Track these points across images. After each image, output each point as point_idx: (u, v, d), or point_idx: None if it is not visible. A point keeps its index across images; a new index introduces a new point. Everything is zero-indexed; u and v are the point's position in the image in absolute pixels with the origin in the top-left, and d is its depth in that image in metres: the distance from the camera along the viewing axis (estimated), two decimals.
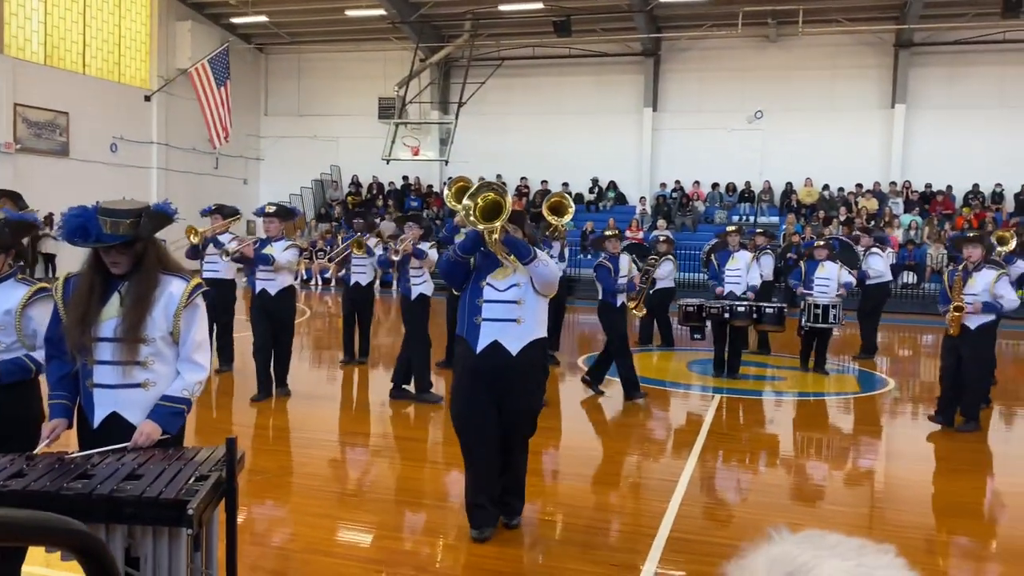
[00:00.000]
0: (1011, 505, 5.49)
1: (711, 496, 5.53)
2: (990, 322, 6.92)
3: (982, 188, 21.85)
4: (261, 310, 7.75)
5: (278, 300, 7.74)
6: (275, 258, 7.58)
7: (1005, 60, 21.61)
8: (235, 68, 24.41)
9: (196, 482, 2.84)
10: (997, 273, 6.89)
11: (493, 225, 4.04)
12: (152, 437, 3.10)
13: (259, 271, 7.73)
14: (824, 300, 9.79)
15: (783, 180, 23.11)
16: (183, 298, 3.15)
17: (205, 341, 3.27)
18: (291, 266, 7.80)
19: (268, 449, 6.34)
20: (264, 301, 7.73)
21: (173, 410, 3.15)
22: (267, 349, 7.74)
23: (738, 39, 22.71)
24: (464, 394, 4.35)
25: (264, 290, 7.73)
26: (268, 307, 7.72)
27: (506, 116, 25.07)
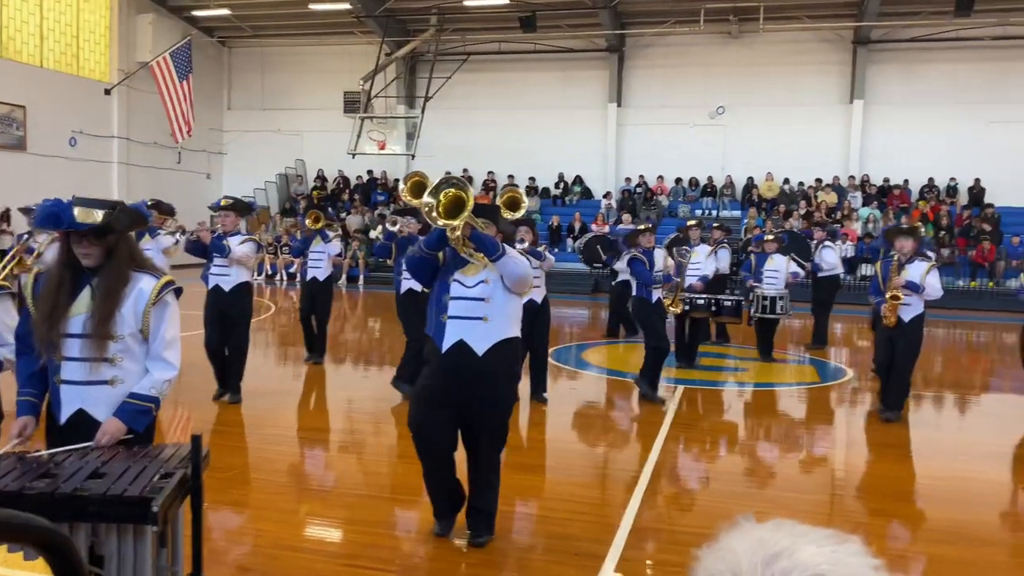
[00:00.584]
0: (961, 489, 5.67)
1: (674, 486, 5.64)
2: (921, 314, 7.14)
3: (937, 182, 22.35)
4: (214, 307, 7.41)
5: (232, 297, 7.39)
6: (231, 249, 7.28)
7: (958, 57, 22.09)
8: (197, 62, 24.09)
9: (161, 479, 2.85)
10: (928, 265, 7.21)
11: (453, 222, 3.87)
12: (116, 436, 3.09)
13: (213, 266, 7.39)
14: (772, 291, 10.14)
15: (744, 174, 23.42)
16: (152, 295, 3.14)
17: (176, 339, 3.25)
18: (247, 260, 7.45)
19: (234, 446, 6.33)
20: (217, 298, 7.40)
21: (140, 408, 3.14)
22: (219, 349, 7.44)
23: (701, 35, 22.95)
24: (425, 395, 4.21)
25: (218, 286, 7.38)
26: (221, 304, 7.38)
27: (472, 111, 25.08)
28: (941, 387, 9.76)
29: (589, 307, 16.92)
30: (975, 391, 9.23)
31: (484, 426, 4.19)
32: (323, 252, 9.46)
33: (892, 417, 7.22)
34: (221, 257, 7.29)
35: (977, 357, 12.44)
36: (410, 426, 4.27)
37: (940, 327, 15.64)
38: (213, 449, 5.85)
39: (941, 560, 4.35)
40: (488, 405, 4.15)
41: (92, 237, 3.04)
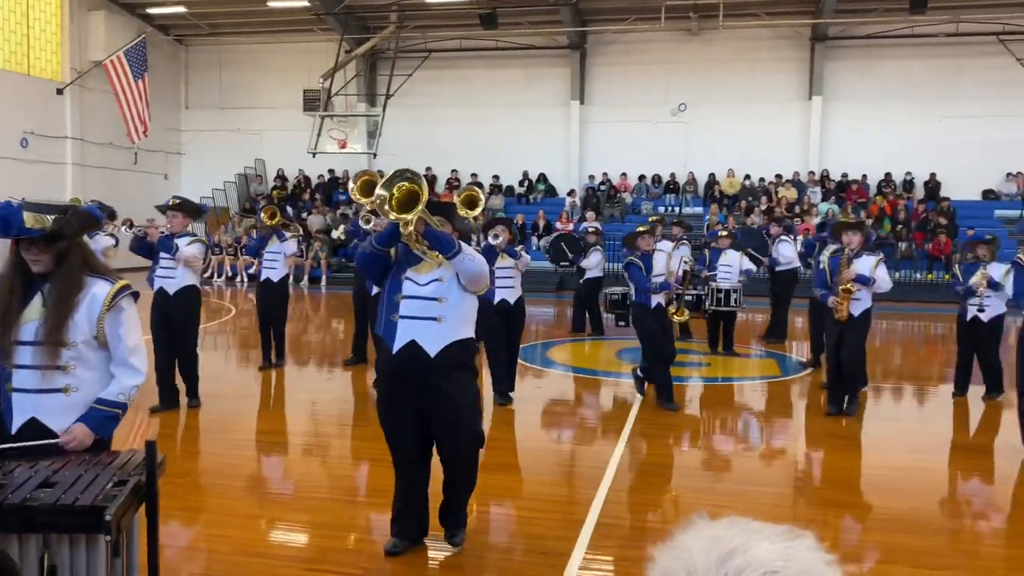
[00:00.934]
0: (917, 480, 5.76)
1: (639, 481, 5.65)
2: (869, 308, 7.23)
3: (894, 177, 22.76)
4: (159, 312, 7.10)
5: (177, 301, 7.08)
6: (178, 246, 7.00)
7: (913, 54, 22.51)
8: (153, 60, 23.69)
9: (114, 487, 2.78)
10: (876, 259, 7.31)
11: (405, 216, 3.75)
12: (84, 442, 3.04)
13: (159, 268, 7.11)
14: (726, 285, 10.40)
15: (706, 171, 23.63)
16: (106, 301, 3.06)
17: (141, 344, 3.19)
18: (195, 262, 7.13)
19: (193, 451, 6.22)
20: (162, 301, 7.09)
21: (109, 414, 3.10)
22: (165, 356, 7.10)
23: (662, 32, 23.10)
24: (384, 401, 4.11)
25: (162, 289, 7.10)
26: (166, 308, 7.08)
27: (435, 108, 24.98)
28: (900, 379, 9.93)
29: (554, 305, 16.94)
30: (933, 382, 9.40)
31: (447, 431, 4.04)
32: (279, 252, 9.15)
33: (850, 411, 7.27)
34: (168, 256, 7.01)
35: (935, 349, 12.67)
36: (381, 425, 4.19)
37: (898, 319, 15.92)
38: (170, 455, 5.77)
39: (900, 549, 4.41)
40: (445, 410, 3.99)
41: (42, 244, 2.96)
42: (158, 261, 7.12)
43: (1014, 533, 4.84)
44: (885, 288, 7.22)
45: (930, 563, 4.27)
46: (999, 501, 5.36)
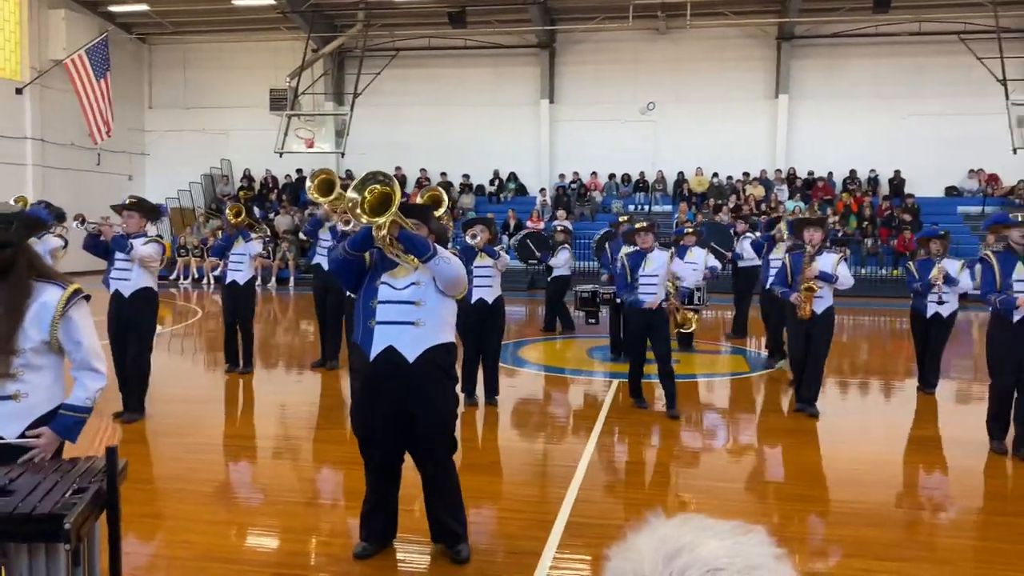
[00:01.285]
0: (884, 473, 5.84)
1: (609, 479, 5.66)
2: (832, 305, 7.27)
3: (859, 174, 23.07)
4: (115, 314, 6.86)
5: (132, 304, 6.83)
6: (132, 245, 6.75)
7: (878, 53, 22.84)
8: (116, 59, 23.30)
9: (74, 495, 2.73)
10: (838, 256, 7.40)
11: (377, 220, 3.68)
12: (51, 448, 3.03)
13: (114, 269, 6.87)
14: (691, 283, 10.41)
15: (675, 169, 23.79)
16: (59, 308, 3.02)
17: (99, 346, 3.17)
18: (151, 262, 6.85)
19: (157, 456, 6.11)
20: (118, 304, 6.86)
21: (76, 419, 3.11)
22: (124, 362, 6.89)
23: (630, 32, 23.20)
24: (360, 406, 4.00)
25: (117, 291, 6.85)
26: (121, 312, 6.84)
27: (403, 107, 24.87)
28: (867, 374, 10.05)
29: (526, 304, 16.94)
30: (899, 377, 9.53)
31: (424, 438, 3.97)
32: (244, 254, 8.95)
33: (814, 412, 7.25)
34: (123, 255, 6.79)
35: (901, 344, 12.85)
36: (355, 433, 4.12)
37: (864, 315, 16.15)
38: (135, 461, 5.65)
39: (866, 543, 4.45)
40: (423, 416, 3.91)
41: None
42: (113, 262, 6.89)
43: (980, 524, 4.92)
44: (847, 285, 7.27)
45: (896, 555, 4.32)
46: (964, 494, 5.44)
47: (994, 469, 5.89)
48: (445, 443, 4.05)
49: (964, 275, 8.15)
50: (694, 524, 0.91)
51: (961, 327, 14.59)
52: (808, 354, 7.23)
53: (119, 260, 6.86)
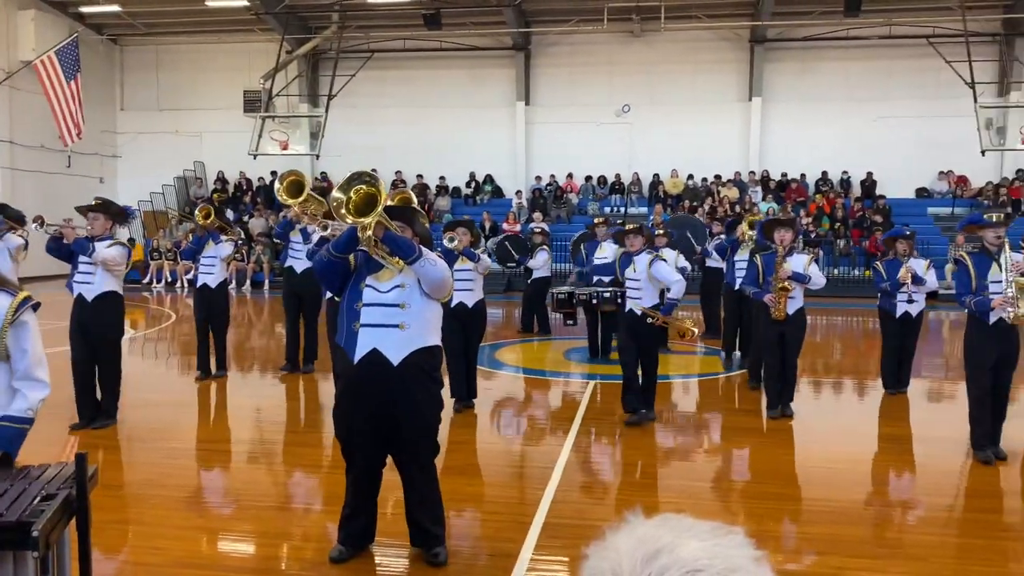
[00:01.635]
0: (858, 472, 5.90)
1: (586, 480, 5.67)
2: (803, 306, 7.31)
3: (831, 176, 23.33)
4: (77, 320, 6.66)
5: (96, 308, 6.63)
6: (95, 247, 6.57)
7: (849, 56, 23.11)
8: (86, 60, 23.01)
9: (42, 502, 2.69)
10: (810, 256, 7.47)
11: (364, 220, 3.66)
12: None
13: (77, 273, 6.69)
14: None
15: (651, 171, 23.91)
16: (8, 314, 2.98)
17: (43, 356, 3.10)
18: (115, 265, 6.65)
19: (129, 462, 6.03)
20: (81, 309, 6.65)
21: (16, 431, 3.02)
22: (85, 368, 6.71)
23: (604, 34, 23.30)
24: (342, 408, 3.97)
25: (81, 295, 6.67)
26: (84, 316, 6.65)
27: (379, 109, 24.79)
28: (840, 374, 10.15)
29: (502, 306, 16.94)
30: (872, 376, 9.62)
31: (407, 441, 3.94)
32: (215, 256, 8.79)
33: (789, 412, 7.28)
34: (86, 259, 6.61)
35: (873, 343, 12.99)
36: (336, 435, 4.09)
37: (837, 315, 16.31)
38: (106, 466, 5.60)
39: (839, 541, 4.49)
40: (408, 419, 3.88)
41: None
42: (77, 265, 6.71)
43: (951, 521, 4.98)
44: (819, 285, 7.33)
45: (869, 553, 4.36)
46: (936, 491, 5.51)
47: (965, 466, 5.97)
48: (429, 446, 4.03)
49: (931, 274, 8.26)
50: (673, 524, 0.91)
51: (932, 327, 14.79)
52: (783, 358, 7.25)
53: (83, 263, 6.68)
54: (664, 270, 6.85)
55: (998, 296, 5.72)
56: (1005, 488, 5.52)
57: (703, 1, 22.18)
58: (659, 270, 6.81)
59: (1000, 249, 5.83)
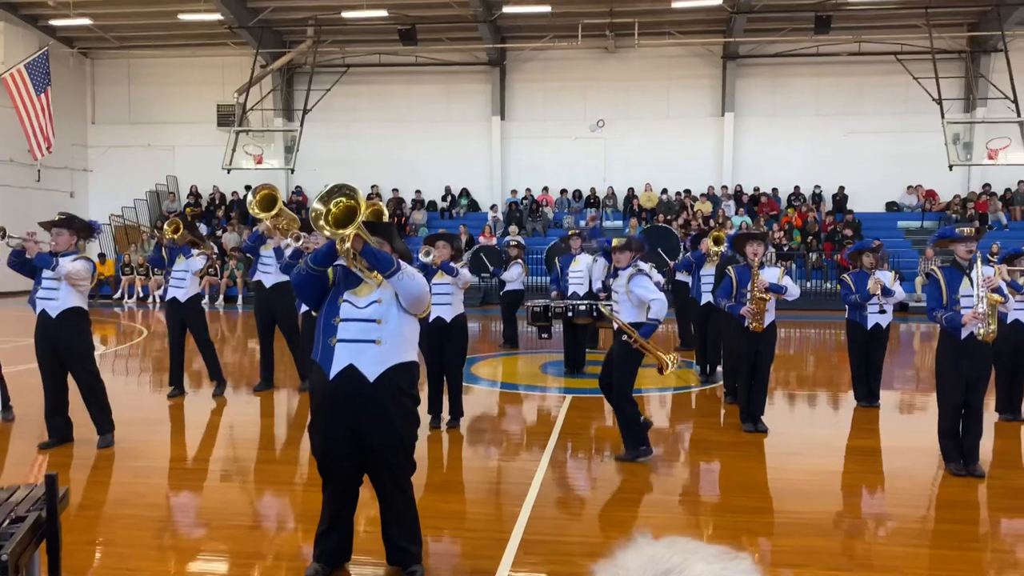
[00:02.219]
0: (833, 484, 5.94)
1: (562, 496, 5.66)
2: (774, 320, 7.37)
3: (803, 190, 23.63)
4: (43, 337, 6.50)
5: (61, 324, 6.45)
6: (58, 262, 6.39)
7: (820, 72, 23.49)
8: (57, 74, 22.76)
9: (11, 525, 2.65)
10: (782, 269, 7.60)
11: (343, 232, 3.64)
12: None
13: (40, 288, 6.50)
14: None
15: (625, 185, 24.08)
16: None
17: None
18: (79, 279, 6.48)
19: (101, 482, 5.94)
20: (45, 325, 6.48)
21: None
22: (55, 386, 6.57)
23: (579, 50, 23.50)
24: (318, 425, 3.93)
25: (44, 311, 6.48)
26: (49, 333, 6.48)
27: (354, 123, 24.77)
28: (814, 386, 10.24)
29: (478, 320, 16.92)
30: (844, 388, 9.72)
31: (383, 459, 3.90)
32: (185, 270, 8.66)
33: (763, 428, 7.30)
34: (50, 274, 6.42)
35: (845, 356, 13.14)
36: (313, 452, 4.05)
37: (810, 327, 16.47)
38: (77, 486, 5.52)
39: (814, 552, 4.53)
40: (383, 436, 3.85)
41: None
42: (40, 281, 6.53)
43: (925, 532, 5.03)
44: (795, 295, 7.41)
45: (844, 565, 4.39)
46: (909, 502, 5.56)
47: (937, 477, 6.04)
48: (405, 463, 4.00)
49: (898, 286, 8.38)
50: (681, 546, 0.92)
51: (902, 339, 14.99)
52: (755, 372, 7.30)
53: (46, 279, 6.50)
54: (643, 285, 6.10)
55: (969, 311, 5.79)
56: (976, 499, 5.60)
57: (676, 18, 22.45)
58: (637, 284, 6.09)
59: (971, 263, 5.92)
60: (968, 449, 6.06)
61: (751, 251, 7.23)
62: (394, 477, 3.98)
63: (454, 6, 21.68)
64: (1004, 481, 5.96)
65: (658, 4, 21.48)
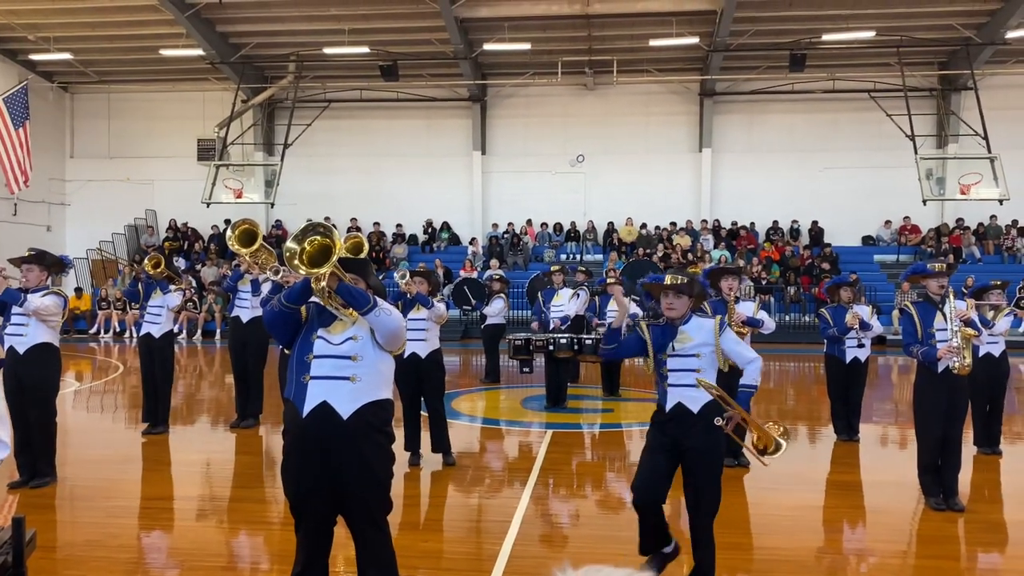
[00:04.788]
0: (811, 519, 5.93)
1: (544, 533, 5.60)
2: None
3: (781, 224, 23.89)
4: (10, 373, 6.33)
5: (28, 361, 6.34)
6: (25, 298, 6.29)
7: (794, 108, 23.89)
8: (36, 107, 22.69)
9: None
10: (756, 303, 7.69)
11: (318, 271, 3.59)
12: None
13: (9, 324, 6.36)
14: None
15: (605, 219, 24.24)
16: None
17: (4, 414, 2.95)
18: (48, 314, 6.35)
19: (70, 522, 5.81)
20: (13, 362, 6.36)
21: None
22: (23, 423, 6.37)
23: (559, 87, 23.80)
24: (290, 464, 3.82)
25: (12, 348, 6.35)
26: (16, 369, 6.34)
27: (335, 158, 24.83)
28: (794, 420, 10.25)
29: (459, 354, 16.85)
30: (823, 422, 9.75)
31: (358, 497, 3.80)
32: (161, 306, 8.56)
33: (745, 462, 7.25)
34: (19, 309, 6.33)
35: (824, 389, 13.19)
36: (284, 492, 3.95)
37: (789, 360, 16.54)
38: (45, 527, 5.39)
39: None
40: (358, 474, 3.75)
41: None
42: (9, 317, 6.39)
43: (904, 568, 5.02)
44: (771, 328, 7.46)
45: None
46: (888, 537, 5.55)
47: (917, 512, 6.04)
48: (381, 502, 3.90)
49: (875, 320, 8.46)
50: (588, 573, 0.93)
51: (880, 372, 15.08)
52: None
53: (15, 315, 6.40)
54: (737, 342, 4.65)
55: (944, 345, 5.83)
56: (956, 534, 5.60)
57: (654, 56, 22.80)
58: (730, 340, 4.58)
59: (944, 298, 5.98)
60: (947, 483, 6.07)
61: (726, 286, 7.24)
62: (370, 516, 3.88)
63: (435, 43, 21.90)
64: (983, 515, 5.97)
65: (636, 42, 21.82)
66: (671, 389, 4.49)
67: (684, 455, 4.40)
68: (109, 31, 21.98)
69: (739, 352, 4.58)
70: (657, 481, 4.44)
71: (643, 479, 4.46)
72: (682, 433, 4.39)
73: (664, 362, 4.53)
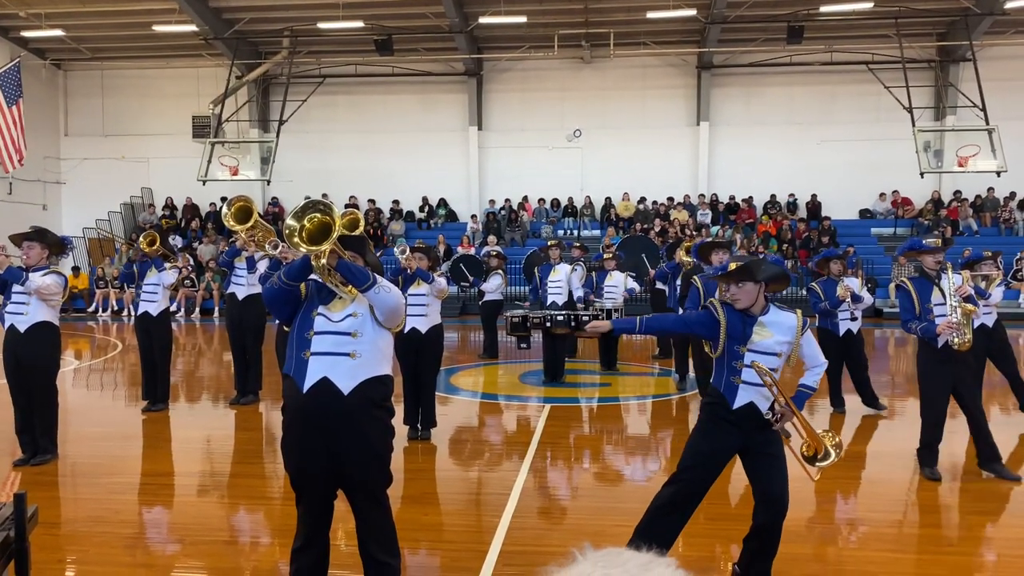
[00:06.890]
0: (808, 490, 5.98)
1: (542, 506, 5.65)
2: None
3: (778, 198, 23.84)
4: (10, 352, 6.41)
5: (29, 339, 6.37)
6: (28, 276, 6.31)
7: (792, 81, 23.75)
8: (29, 85, 22.51)
9: None
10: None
11: (317, 248, 3.61)
12: None
13: (10, 303, 6.37)
14: (610, 305, 10.92)
15: (602, 195, 24.18)
16: None
17: None
18: (49, 293, 6.38)
19: (72, 498, 5.85)
20: (13, 340, 6.38)
21: None
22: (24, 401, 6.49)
23: (555, 60, 23.62)
24: (291, 439, 3.86)
25: (13, 326, 6.38)
26: (17, 348, 6.40)
27: (331, 134, 24.71)
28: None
29: (457, 330, 16.89)
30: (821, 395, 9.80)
31: (358, 472, 3.84)
32: (157, 284, 8.58)
33: None
34: (20, 288, 6.35)
35: None
36: (285, 467, 3.98)
37: None
38: (47, 504, 5.43)
39: (791, 559, 4.56)
40: (358, 449, 3.79)
41: None
42: (9, 295, 6.42)
43: (900, 537, 5.07)
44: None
45: (820, 571, 4.42)
46: (884, 508, 5.61)
47: (911, 482, 6.10)
48: (381, 477, 3.94)
49: (865, 292, 8.50)
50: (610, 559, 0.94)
51: (877, 345, 15.13)
52: None
53: (15, 293, 6.41)
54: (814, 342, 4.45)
55: (943, 321, 5.82)
56: (951, 503, 5.65)
57: (651, 28, 22.62)
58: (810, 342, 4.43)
59: (940, 273, 5.98)
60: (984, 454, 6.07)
61: (717, 260, 7.27)
62: (370, 490, 3.92)
63: (430, 17, 21.72)
64: (980, 484, 6.02)
65: (633, 15, 21.65)
66: (743, 387, 4.23)
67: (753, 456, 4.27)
68: (100, 6, 21.74)
69: (814, 355, 4.38)
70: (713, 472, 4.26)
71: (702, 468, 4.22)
72: (752, 433, 4.25)
73: (741, 356, 4.21)
